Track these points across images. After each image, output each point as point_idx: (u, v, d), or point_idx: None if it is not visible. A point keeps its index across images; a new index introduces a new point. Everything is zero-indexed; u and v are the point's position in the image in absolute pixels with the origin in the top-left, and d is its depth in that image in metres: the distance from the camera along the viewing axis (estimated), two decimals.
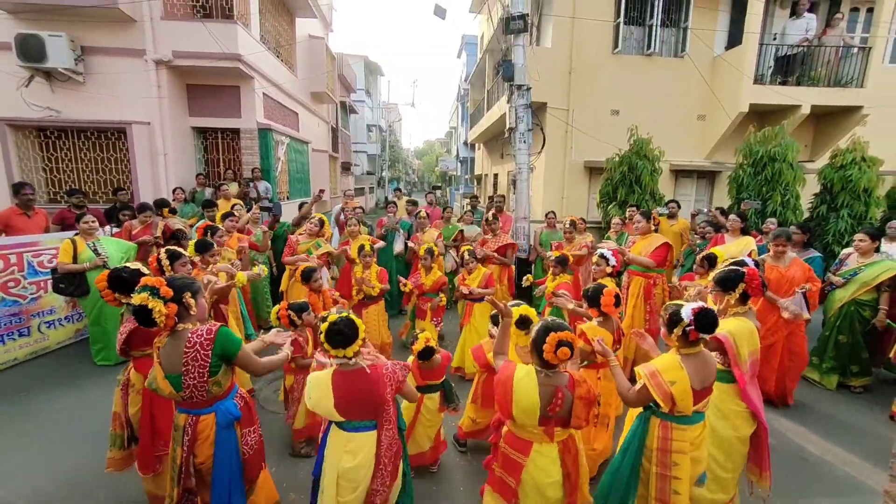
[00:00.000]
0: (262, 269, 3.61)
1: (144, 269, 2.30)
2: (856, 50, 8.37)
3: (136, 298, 1.73)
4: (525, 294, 5.12)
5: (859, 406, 3.81)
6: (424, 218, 5.62)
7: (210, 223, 3.99)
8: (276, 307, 2.97)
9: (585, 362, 2.67)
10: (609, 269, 3.55)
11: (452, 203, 23.11)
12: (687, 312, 1.88)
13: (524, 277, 4.28)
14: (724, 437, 2.31)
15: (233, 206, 5.64)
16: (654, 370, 1.93)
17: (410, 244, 5.59)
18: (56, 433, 3.18)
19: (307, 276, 3.64)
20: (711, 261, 3.50)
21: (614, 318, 2.70)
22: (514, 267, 5.71)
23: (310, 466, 2.84)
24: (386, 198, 29.28)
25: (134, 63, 6.83)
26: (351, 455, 1.85)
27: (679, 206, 6.35)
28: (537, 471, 1.85)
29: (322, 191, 5.62)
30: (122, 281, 2.18)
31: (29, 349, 4.27)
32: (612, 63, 8.95)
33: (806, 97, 8.06)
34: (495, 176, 14.85)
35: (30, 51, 6.26)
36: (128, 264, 2.29)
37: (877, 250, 4.04)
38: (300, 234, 4.74)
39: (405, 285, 4.17)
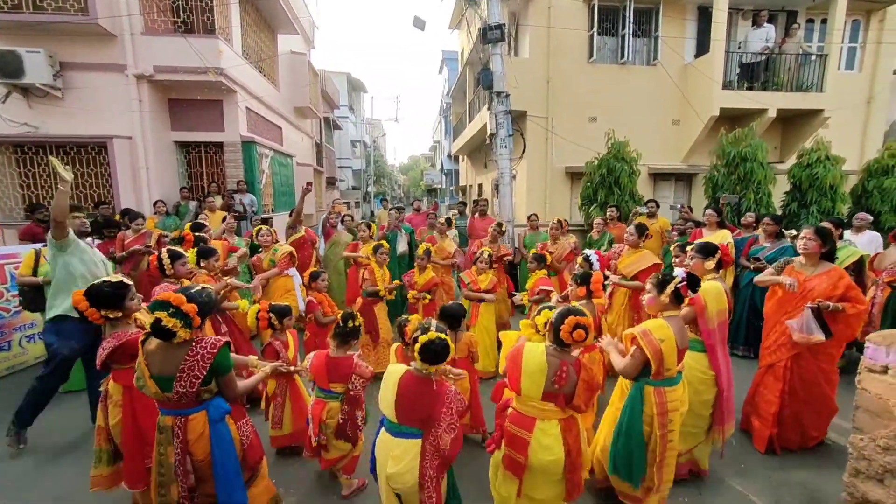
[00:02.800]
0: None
1: (127, 280, 2.22)
2: (814, 57, 8.85)
3: (160, 316, 1.72)
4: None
5: None
6: (443, 224, 5.51)
7: (191, 232, 3.98)
8: (255, 307, 2.93)
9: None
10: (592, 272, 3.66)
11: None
12: (680, 272, 2.22)
13: (515, 296, 4.25)
14: (689, 401, 2.50)
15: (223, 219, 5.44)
16: (645, 329, 2.14)
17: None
18: (32, 450, 3.07)
19: (314, 277, 3.77)
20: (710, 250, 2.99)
21: (595, 307, 2.82)
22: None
23: (298, 463, 2.86)
24: (372, 212, 29.27)
25: (114, 78, 6.82)
26: (395, 461, 1.90)
27: (658, 206, 6.56)
28: (541, 449, 1.92)
29: (309, 183, 5.53)
30: (105, 296, 2.10)
31: (7, 364, 4.15)
32: (588, 72, 9.27)
33: (771, 101, 8.47)
34: (479, 186, 15.07)
35: (7, 67, 6.20)
36: (109, 277, 2.20)
37: (840, 237, 4.25)
38: (258, 256, 4.63)
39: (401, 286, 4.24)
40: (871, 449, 1.55)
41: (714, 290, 2.59)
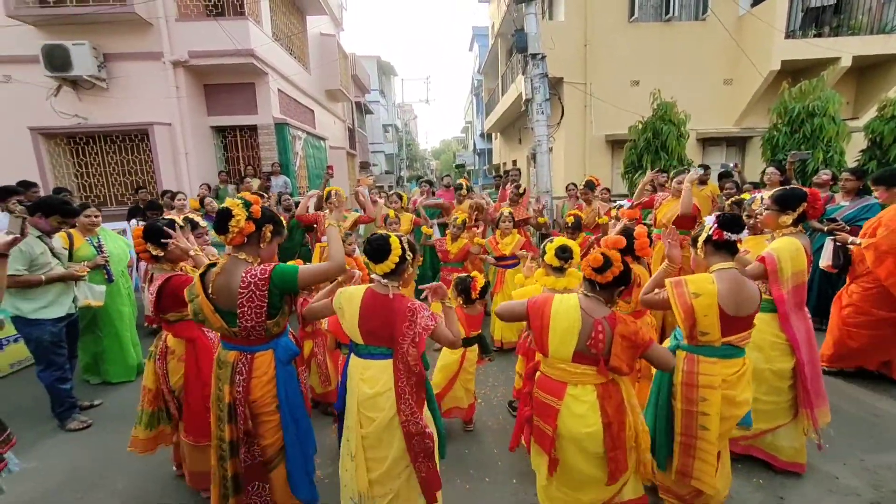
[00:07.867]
0: None
1: (180, 222, 2.32)
2: None
3: (229, 202, 1.72)
4: None
5: None
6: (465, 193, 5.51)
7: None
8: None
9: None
10: None
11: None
12: (709, 221, 1.89)
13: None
14: (755, 368, 2.16)
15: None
16: (681, 280, 1.85)
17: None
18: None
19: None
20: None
21: (645, 261, 2.54)
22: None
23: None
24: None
25: (153, 66, 7.00)
26: (367, 384, 1.78)
27: (710, 170, 6.02)
28: (572, 419, 1.67)
29: (331, 167, 5.53)
30: (154, 230, 2.19)
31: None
32: (628, 32, 8.61)
33: (846, 47, 7.51)
34: (514, 162, 14.64)
35: (56, 61, 6.49)
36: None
37: None
38: (322, 214, 4.73)
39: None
40: None
41: (790, 248, 2.16)
